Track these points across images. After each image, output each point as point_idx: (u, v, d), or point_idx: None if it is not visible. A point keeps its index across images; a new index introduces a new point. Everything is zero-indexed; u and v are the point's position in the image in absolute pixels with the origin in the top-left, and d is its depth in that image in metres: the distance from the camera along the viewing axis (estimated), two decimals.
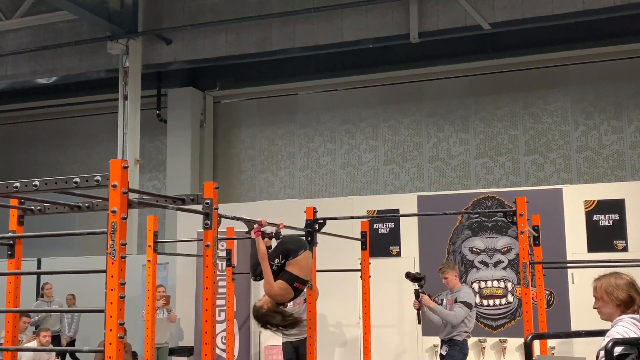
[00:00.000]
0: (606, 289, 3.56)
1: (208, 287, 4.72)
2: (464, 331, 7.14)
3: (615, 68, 12.63)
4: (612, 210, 9.66)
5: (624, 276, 3.61)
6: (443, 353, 7.09)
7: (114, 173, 3.74)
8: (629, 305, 3.51)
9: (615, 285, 3.55)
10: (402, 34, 11.93)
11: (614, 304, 3.54)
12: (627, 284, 3.56)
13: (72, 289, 11.58)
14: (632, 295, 3.52)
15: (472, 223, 10.19)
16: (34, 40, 14.00)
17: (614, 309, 3.54)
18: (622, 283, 3.55)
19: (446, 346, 7.10)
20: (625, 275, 3.62)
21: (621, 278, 3.59)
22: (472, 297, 7.28)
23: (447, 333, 7.10)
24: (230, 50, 12.95)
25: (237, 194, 14.60)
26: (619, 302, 3.52)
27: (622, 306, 3.51)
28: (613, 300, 3.54)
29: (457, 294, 7.22)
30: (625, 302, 3.51)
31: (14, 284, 4.82)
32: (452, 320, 7.01)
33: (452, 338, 7.08)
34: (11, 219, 4.92)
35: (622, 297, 3.52)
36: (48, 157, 16.39)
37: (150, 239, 7.43)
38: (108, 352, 3.60)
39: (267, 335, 10.70)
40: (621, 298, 3.52)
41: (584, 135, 12.72)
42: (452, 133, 13.47)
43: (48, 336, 8.63)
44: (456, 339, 7.09)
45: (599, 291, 3.61)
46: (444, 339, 7.14)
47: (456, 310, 7.04)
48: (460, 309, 7.06)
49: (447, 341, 7.10)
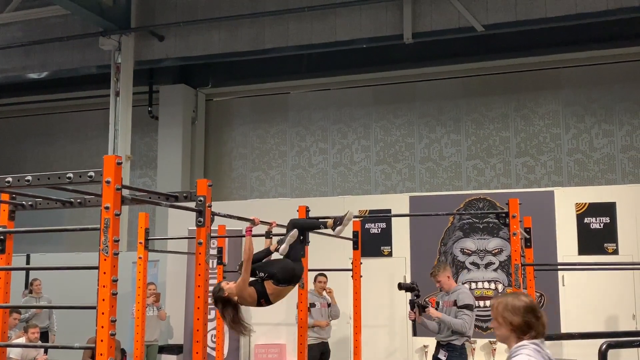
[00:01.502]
0: (502, 312, 3.21)
1: (200, 284, 4.71)
2: (465, 336, 6.82)
3: (607, 71, 12.68)
4: (603, 213, 9.71)
5: (523, 298, 3.23)
6: (442, 358, 6.75)
7: (108, 169, 3.71)
8: (524, 331, 3.16)
9: (512, 309, 3.18)
10: (396, 35, 11.94)
11: (508, 327, 3.19)
12: (524, 307, 3.18)
13: (61, 285, 11.51)
14: (529, 321, 3.15)
15: (464, 224, 10.21)
16: (26, 35, 13.90)
17: (508, 333, 3.20)
18: (519, 306, 3.18)
19: (444, 351, 6.77)
20: (524, 297, 3.25)
21: (519, 300, 3.21)
22: (472, 298, 6.99)
23: (447, 336, 6.78)
24: (223, 47, 12.91)
25: (228, 192, 14.56)
26: (513, 327, 3.17)
27: (517, 331, 3.17)
28: (508, 324, 3.19)
29: (454, 295, 6.90)
30: (519, 327, 3.16)
31: (4, 279, 4.78)
32: (462, 329, 6.67)
33: (451, 342, 6.76)
34: (2, 214, 4.89)
35: (516, 323, 3.17)
36: (38, 152, 16.29)
37: (142, 235, 7.40)
38: (99, 349, 3.57)
39: (257, 334, 10.69)
40: (515, 323, 3.17)
41: (575, 138, 12.76)
42: (444, 134, 13.49)
43: (36, 333, 8.58)
44: (455, 343, 6.76)
45: (494, 312, 3.27)
46: (442, 341, 6.83)
47: (463, 317, 6.71)
48: (466, 316, 6.73)
49: (445, 345, 6.80)
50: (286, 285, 5.62)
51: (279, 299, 5.72)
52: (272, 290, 5.56)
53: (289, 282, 5.64)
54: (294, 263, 5.72)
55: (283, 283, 5.57)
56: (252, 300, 5.57)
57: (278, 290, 5.59)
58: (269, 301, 5.63)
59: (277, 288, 5.57)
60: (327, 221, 5.96)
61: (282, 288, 5.61)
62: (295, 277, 5.75)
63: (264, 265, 5.66)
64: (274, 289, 5.56)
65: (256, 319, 10.77)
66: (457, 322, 6.68)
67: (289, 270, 5.65)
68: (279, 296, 5.67)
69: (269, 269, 5.62)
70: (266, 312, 10.81)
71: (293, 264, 5.72)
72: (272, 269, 5.61)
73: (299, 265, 5.80)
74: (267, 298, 5.59)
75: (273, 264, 5.69)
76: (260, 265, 5.68)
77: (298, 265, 5.79)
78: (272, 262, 5.76)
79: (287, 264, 5.69)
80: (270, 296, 5.60)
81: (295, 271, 5.74)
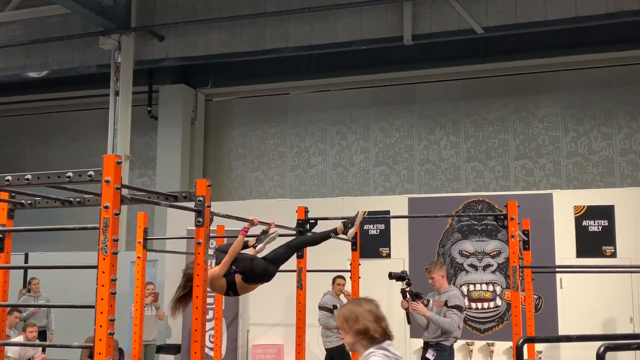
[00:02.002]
0: (345, 319, 3.29)
1: (199, 284, 4.71)
2: (453, 336, 6.83)
3: (606, 75, 12.70)
4: (602, 216, 9.71)
5: (364, 304, 3.31)
6: (430, 358, 6.78)
7: (108, 168, 3.72)
8: (368, 337, 3.23)
9: (353, 315, 3.27)
10: (396, 36, 11.95)
11: (352, 334, 3.27)
12: (364, 313, 3.26)
13: (59, 284, 11.51)
14: (369, 326, 3.23)
15: (462, 226, 10.22)
16: (26, 34, 13.91)
17: (353, 340, 3.27)
18: (360, 312, 3.26)
19: (433, 350, 6.77)
20: (366, 303, 3.32)
21: (360, 306, 3.28)
22: (462, 300, 7.00)
23: (436, 336, 6.79)
24: (223, 48, 12.92)
25: (226, 193, 14.56)
26: (356, 333, 3.24)
27: (360, 337, 3.24)
28: (351, 331, 3.26)
29: (445, 296, 6.90)
30: (362, 333, 3.24)
31: (2, 278, 4.78)
32: (449, 328, 6.68)
33: (440, 343, 6.77)
34: (1, 212, 4.88)
35: (356, 329, 3.24)
36: (37, 151, 16.29)
37: (141, 235, 7.40)
38: (98, 348, 3.57)
39: (255, 334, 10.70)
40: (355, 329, 3.25)
41: (574, 141, 12.78)
42: (443, 136, 13.50)
43: (34, 331, 8.57)
44: (444, 344, 6.77)
45: (338, 321, 3.36)
46: (431, 341, 6.83)
47: (452, 317, 6.73)
48: (455, 315, 6.74)
49: (434, 345, 6.79)
50: (253, 283, 5.79)
51: (245, 292, 5.92)
52: (240, 284, 5.73)
53: (256, 281, 5.81)
54: (265, 263, 5.82)
55: (250, 281, 5.74)
56: (221, 290, 5.77)
57: (245, 286, 5.76)
58: (236, 293, 5.83)
59: (248, 285, 5.75)
60: (337, 227, 5.99)
61: (252, 285, 5.80)
62: (265, 277, 5.87)
63: (237, 261, 5.72)
64: (241, 284, 5.72)
65: (254, 320, 10.81)
66: (446, 321, 6.71)
67: (260, 270, 5.77)
68: (246, 290, 5.86)
69: (240, 264, 5.72)
70: (264, 312, 10.83)
71: (265, 264, 5.81)
72: (243, 265, 5.72)
73: (272, 267, 5.88)
74: (235, 290, 5.77)
75: (245, 261, 5.76)
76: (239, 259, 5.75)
77: (271, 267, 5.88)
78: (246, 258, 5.81)
79: (259, 264, 5.80)
80: (238, 289, 5.77)
81: (267, 271, 5.84)
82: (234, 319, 10.18)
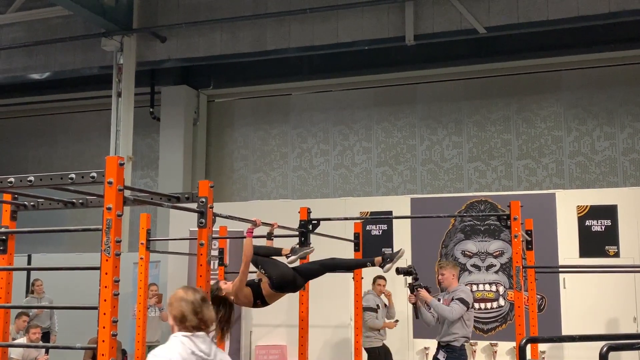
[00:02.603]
0: (169, 303, 3.36)
1: (202, 285, 4.71)
2: (461, 336, 6.84)
3: (609, 74, 12.68)
4: (605, 216, 9.70)
5: (190, 291, 3.37)
6: (441, 358, 6.80)
7: (110, 170, 3.72)
8: (181, 323, 3.30)
9: (174, 300, 3.35)
10: (398, 36, 11.93)
11: (171, 317, 3.34)
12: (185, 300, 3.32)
13: (63, 285, 11.52)
14: (185, 314, 3.29)
15: (465, 226, 10.21)
16: (28, 35, 13.92)
17: (172, 323, 3.34)
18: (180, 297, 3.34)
19: (443, 352, 6.81)
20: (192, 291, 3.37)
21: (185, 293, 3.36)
22: (469, 296, 7.01)
23: (444, 334, 6.82)
24: (225, 49, 12.91)
25: (229, 193, 14.57)
26: (173, 317, 3.33)
27: (176, 322, 3.32)
28: (170, 314, 3.35)
29: (454, 294, 6.96)
30: (176, 318, 3.31)
31: (5, 279, 4.79)
32: (448, 315, 6.73)
33: (450, 343, 6.79)
34: (4, 214, 4.89)
35: (174, 313, 3.33)
36: (40, 152, 16.31)
37: (144, 236, 7.40)
38: (101, 350, 3.57)
39: (258, 335, 10.69)
40: (172, 314, 3.33)
41: (577, 141, 12.76)
42: (446, 136, 13.49)
43: (38, 333, 8.59)
44: (454, 344, 6.79)
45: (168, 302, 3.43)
46: (441, 341, 6.88)
47: (453, 306, 6.78)
48: (456, 305, 6.78)
49: (444, 346, 6.83)
50: (280, 292, 5.67)
51: (274, 300, 5.78)
52: (268, 292, 5.63)
53: (283, 290, 5.69)
54: (294, 274, 5.74)
55: (278, 289, 5.64)
56: (248, 301, 5.63)
57: (273, 294, 5.65)
58: (265, 302, 5.70)
59: (272, 291, 5.64)
60: (375, 259, 5.94)
61: (277, 293, 5.67)
62: (292, 286, 5.78)
63: (267, 264, 5.68)
64: (269, 291, 5.62)
65: (257, 320, 10.80)
66: (446, 309, 6.78)
67: (288, 279, 5.68)
68: (274, 299, 5.73)
69: (270, 269, 5.64)
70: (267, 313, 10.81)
71: (294, 274, 5.73)
72: (272, 271, 5.64)
73: (301, 279, 5.82)
74: (262, 299, 5.67)
75: (276, 267, 5.70)
76: (264, 260, 5.69)
77: (300, 279, 5.81)
78: (277, 264, 5.75)
79: (288, 272, 5.71)
80: (266, 297, 5.66)
81: (295, 282, 5.76)
82: (237, 319, 10.18)
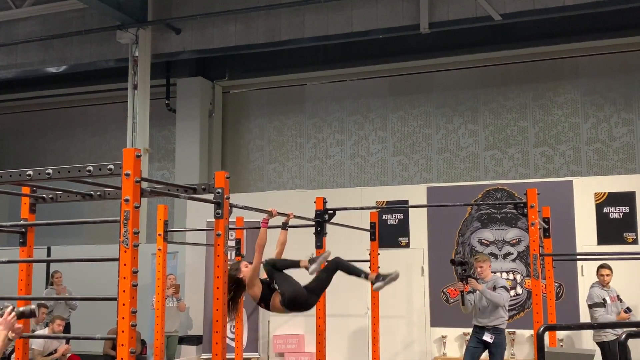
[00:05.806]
0: None
1: (219, 276, 4.74)
2: (506, 319, 7.45)
3: (626, 60, 12.55)
4: (623, 203, 9.63)
5: None
6: (488, 340, 7.30)
7: (127, 162, 3.75)
8: None
9: None
10: (412, 25, 11.86)
11: None
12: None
13: (82, 277, 11.64)
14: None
15: (482, 215, 10.18)
16: (44, 29, 14.00)
17: None
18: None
19: (490, 334, 7.31)
20: None
21: None
22: (506, 284, 7.56)
23: (493, 319, 7.33)
24: (240, 40, 12.92)
25: (245, 184, 14.61)
26: None
27: None
28: None
29: (491, 283, 7.45)
30: None
31: (25, 271, 4.85)
32: (500, 301, 7.23)
33: (497, 326, 7.34)
34: (23, 207, 4.95)
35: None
36: (57, 145, 16.43)
37: (161, 227, 7.46)
38: (120, 340, 3.62)
39: (276, 324, 10.74)
40: None
41: (594, 128, 12.66)
42: (461, 124, 13.43)
43: (62, 325, 8.67)
44: (501, 327, 7.36)
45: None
46: (488, 326, 7.34)
47: (501, 293, 7.31)
48: (504, 292, 7.33)
49: (491, 329, 7.33)
50: (288, 310, 5.60)
51: (277, 312, 5.74)
52: (275, 304, 5.58)
53: (291, 309, 5.61)
54: (308, 295, 5.63)
55: (287, 307, 5.57)
56: (255, 295, 5.60)
57: (279, 308, 5.59)
58: (267, 308, 5.67)
59: (280, 306, 5.58)
60: (370, 274, 5.90)
61: (284, 310, 5.61)
62: (303, 308, 5.68)
63: (282, 280, 5.61)
64: (277, 304, 5.57)
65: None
66: (497, 295, 7.26)
67: (300, 301, 5.59)
68: (278, 311, 5.68)
69: (284, 286, 5.56)
70: None
71: (307, 295, 5.62)
72: (286, 288, 5.56)
73: (313, 298, 5.70)
74: (267, 305, 5.63)
75: (291, 286, 5.61)
76: (280, 275, 5.64)
77: (312, 298, 5.69)
78: (292, 283, 5.65)
79: (302, 294, 5.59)
80: (271, 306, 5.63)
81: (307, 303, 5.66)
82: (255, 309, 10.23)
